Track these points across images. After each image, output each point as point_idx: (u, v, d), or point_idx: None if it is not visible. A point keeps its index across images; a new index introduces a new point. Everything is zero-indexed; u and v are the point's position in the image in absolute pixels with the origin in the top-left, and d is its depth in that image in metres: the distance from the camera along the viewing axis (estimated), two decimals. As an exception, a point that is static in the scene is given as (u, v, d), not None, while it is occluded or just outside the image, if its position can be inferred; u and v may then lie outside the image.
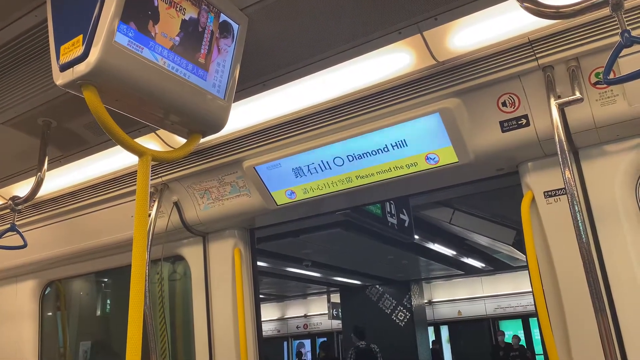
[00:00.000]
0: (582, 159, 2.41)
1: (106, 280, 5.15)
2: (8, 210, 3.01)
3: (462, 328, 18.06)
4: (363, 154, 2.68)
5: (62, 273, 4.38)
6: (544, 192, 2.48)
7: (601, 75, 2.16)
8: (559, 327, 2.40)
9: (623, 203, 2.30)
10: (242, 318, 3.29)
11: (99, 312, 5.22)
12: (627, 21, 1.63)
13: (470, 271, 16.11)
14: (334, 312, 17.45)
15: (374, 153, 2.66)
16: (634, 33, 1.56)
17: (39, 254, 4.07)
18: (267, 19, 2.01)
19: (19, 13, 1.91)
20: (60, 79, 1.61)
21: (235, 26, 1.95)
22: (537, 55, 2.19)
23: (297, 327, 22.27)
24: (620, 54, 1.59)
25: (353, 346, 10.05)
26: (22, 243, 3.07)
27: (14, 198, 2.96)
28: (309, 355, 22.28)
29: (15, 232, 3.00)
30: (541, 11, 1.67)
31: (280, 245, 9.41)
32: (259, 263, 3.71)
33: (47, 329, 4.62)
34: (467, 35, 2.17)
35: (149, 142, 2.87)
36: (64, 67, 1.59)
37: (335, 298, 17.62)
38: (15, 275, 4.53)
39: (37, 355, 4.41)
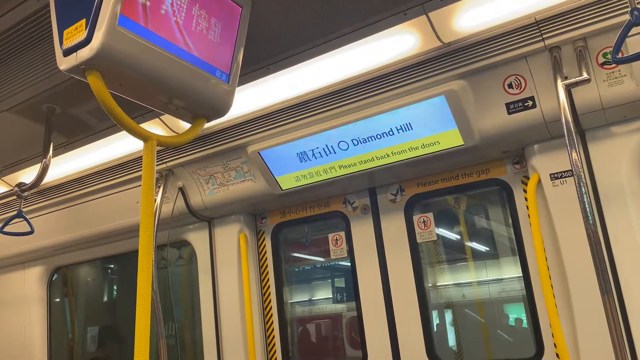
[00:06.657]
0: (588, 141, 2.40)
1: (112, 266, 5.18)
2: (14, 197, 3.02)
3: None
4: (368, 138, 2.67)
5: (69, 259, 4.42)
6: (550, 174, 2.47)
7: (609, 56, 2.13)
8: (564, 309, 2.41)
9: (629, 185, 2.29)
10: (248, 301, 3.32)
11: (106, 298, 5.27)
12: (636, -1, 1.61)
13: (475, 255, 16.12)
14: (339, 297, 17.53)
15: (379, 137, 2.65)
16: None
17: (45, 240, 4.09)
18: (271, 2, 1.98)
19: None
20: (64, 64, 1.59)
21: (238, 9, 1.93)
22: (544, 36, 2.16)
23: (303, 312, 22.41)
24: (629, 33, 1.57)
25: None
26: (29, 229, 3.09)
27: (20, 185, 2.97)
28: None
29: (22, 219, 3.02)
30: None
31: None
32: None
33: (55, 314, 4.67)
34: (472, 16, 2.14)
35: (154, 128, 2.86)
36: (67, 52, 1.58)
37: (340, 283, 17.67)
38: (23, 261, 4.57)
39: (45, 340, 4.47)
